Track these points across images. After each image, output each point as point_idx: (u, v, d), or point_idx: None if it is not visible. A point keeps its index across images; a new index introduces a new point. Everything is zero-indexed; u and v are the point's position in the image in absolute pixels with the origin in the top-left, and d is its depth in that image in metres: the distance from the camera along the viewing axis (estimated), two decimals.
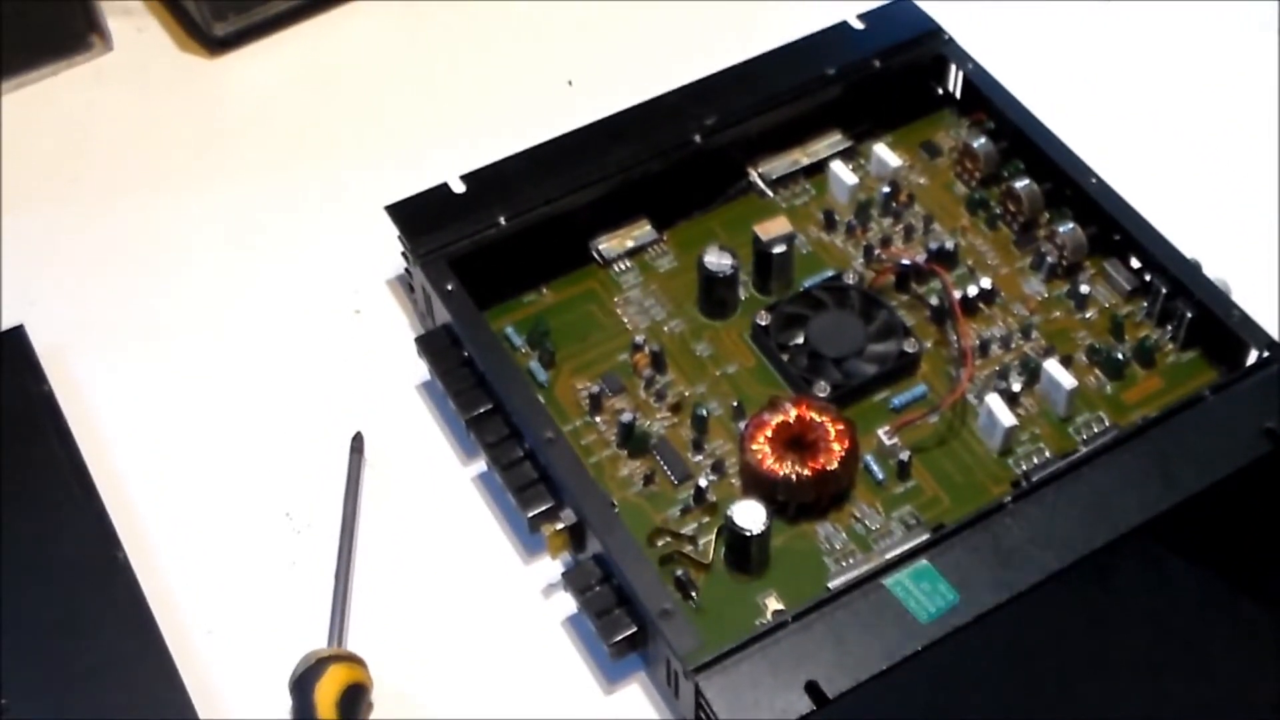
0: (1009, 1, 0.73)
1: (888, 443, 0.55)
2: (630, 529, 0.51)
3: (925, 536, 0.51)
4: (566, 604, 0.53)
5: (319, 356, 0.61)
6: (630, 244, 0.61)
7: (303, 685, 0.50)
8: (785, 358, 0.57)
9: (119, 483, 0.57)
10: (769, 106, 0.62)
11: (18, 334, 0.59)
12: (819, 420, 0.53)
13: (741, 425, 0.55)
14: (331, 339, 0.62)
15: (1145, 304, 0.58)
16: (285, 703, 0.50)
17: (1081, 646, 0.47)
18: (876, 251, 0.61)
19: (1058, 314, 0.59)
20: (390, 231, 0.60)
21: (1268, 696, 0.47)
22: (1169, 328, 0.58)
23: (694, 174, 0.62)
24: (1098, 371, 0.57)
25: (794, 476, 0.53)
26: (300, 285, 0.63)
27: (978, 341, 0.58)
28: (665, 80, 0.64)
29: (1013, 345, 0.58)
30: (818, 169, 0.64)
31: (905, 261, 0.59)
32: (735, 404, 0.56)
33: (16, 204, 0.66)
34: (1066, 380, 0.55)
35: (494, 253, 0.59)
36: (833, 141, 0.64)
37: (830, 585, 0.51)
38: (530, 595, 0.54)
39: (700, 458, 0.55)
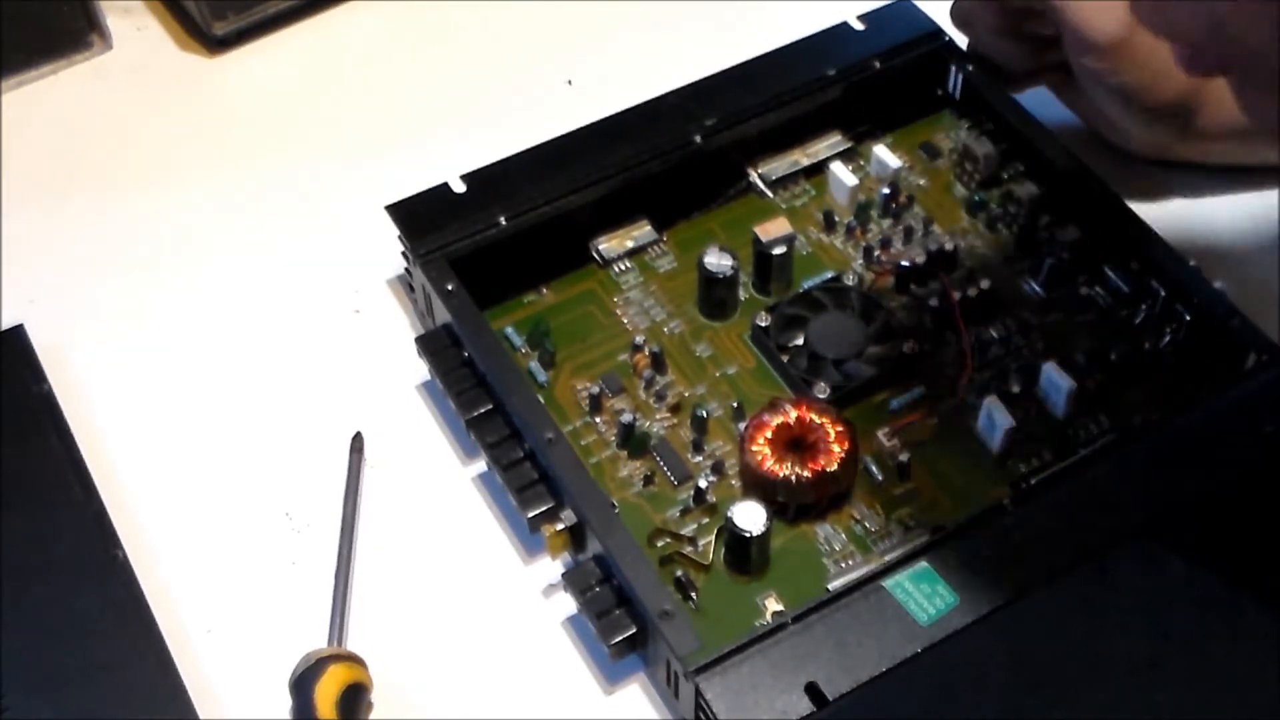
0: None
1: (887, 444, 0.55)
2: (630, 530, 0.51)
3: (925, 538, 0.51)
4: (566, 604, 0.53)
5: (319, 356, 0.61)
6: (630, 244, 0.61)
7: (302, 685, 0.50)
8: (785, 359, 0.57)
9: (119, 482, 0.57)
10: (769, 107, 0.62)
11: (18, 333, 0.59)
12: (819, 421, 0.53)
13: (741, 426, 0.55)
14: (331, 339, 0.62)
15: (1145, 307, 0.58)
16: (285, 702, 0.50)
17: (1081, 649, 0.47)
18: (876, 253, 0.61)
19: (1057, 316, 0.59)
20: (390, 231, 0.60)
21: (1268, 697, 0.47)
22: (1168, 331, 0.58)
23: (694, 174, 0.62)
24: (1097, 374, 0.57)
25: (794, 478, 0.53)
26: (300, 285, 0.63)
27: (977, 343, 0.58)
28: (665, 80, 0.64)
29: (1012, 347, 0.58)
30: (817, 170, 0.64)
31: (905, 263, 0.59)
32: (735, 405, 0.56)
33: (16, 203, 0.66)
34: (1066, 382, 0.55)
35: (494, 253, 0.59)
36: (833, 142, 0.64)
37: (830, 587, 0.51)
38: (530, 595, 0.54)
39: (700, 459, 0.55)
